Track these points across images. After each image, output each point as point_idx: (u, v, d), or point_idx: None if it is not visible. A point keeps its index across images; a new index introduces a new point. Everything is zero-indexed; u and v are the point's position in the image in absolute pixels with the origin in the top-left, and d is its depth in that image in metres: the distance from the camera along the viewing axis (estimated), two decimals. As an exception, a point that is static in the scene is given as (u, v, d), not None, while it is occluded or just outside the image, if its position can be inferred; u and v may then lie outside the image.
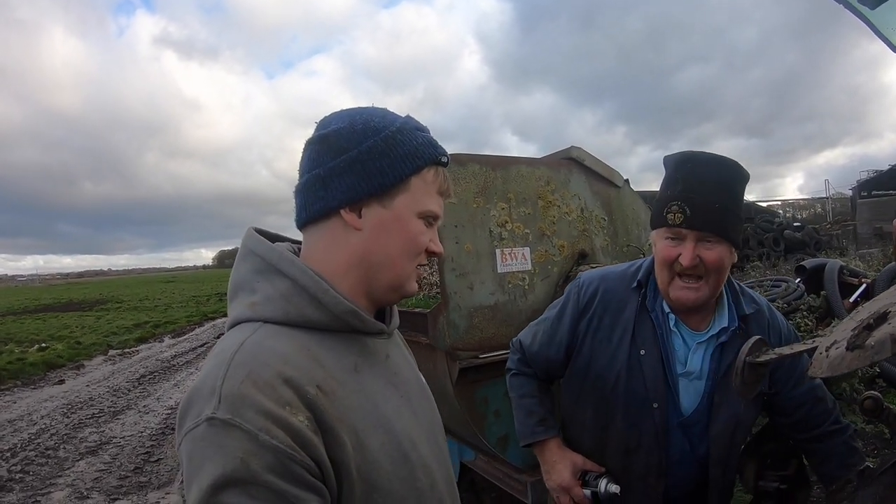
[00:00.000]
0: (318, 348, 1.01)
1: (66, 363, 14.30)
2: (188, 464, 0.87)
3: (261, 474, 0.84)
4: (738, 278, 7.98)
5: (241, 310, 1.04)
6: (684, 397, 1.76)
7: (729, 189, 1.65)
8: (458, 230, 2.85)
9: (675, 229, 1.64)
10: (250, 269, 1.08)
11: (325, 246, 1.09)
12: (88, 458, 6.92)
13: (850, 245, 19.05)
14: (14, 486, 6.19)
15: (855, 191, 30.48)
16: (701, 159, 1.66)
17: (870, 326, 1.25)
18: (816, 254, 15.34)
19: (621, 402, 1.77)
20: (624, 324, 1.78)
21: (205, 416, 0.87)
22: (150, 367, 13.18)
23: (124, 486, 5.96)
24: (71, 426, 8.43)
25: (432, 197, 1.13)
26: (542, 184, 3.23)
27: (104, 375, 12.64)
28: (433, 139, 1.14)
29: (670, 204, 1.62)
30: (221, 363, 0.93)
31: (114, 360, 15.03)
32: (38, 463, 6.88)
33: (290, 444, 0.87)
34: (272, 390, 0.89)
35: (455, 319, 2.80)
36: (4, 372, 12.78)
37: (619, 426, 1.79)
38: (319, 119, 1.14)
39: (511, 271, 3.01)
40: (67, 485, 6.12)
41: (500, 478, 3.24)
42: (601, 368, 1.79)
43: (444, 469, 1.18)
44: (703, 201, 1.60)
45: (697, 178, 1.63)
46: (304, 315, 1.02)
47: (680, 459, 1.79)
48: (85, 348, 16.26)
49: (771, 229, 17.88)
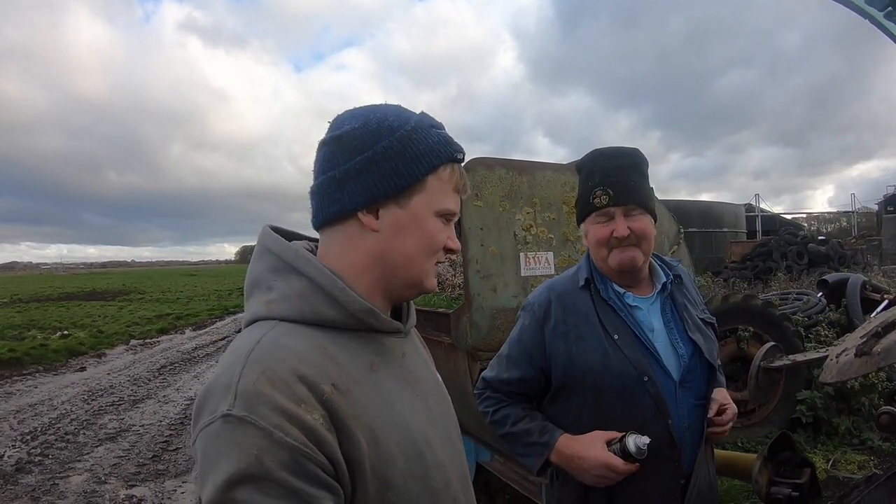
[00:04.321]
0: (334, 347, 1.00)
1: (87, 351, 14.52)
2: (203, 459, 0.87)
3: (275, 471, 0.84)
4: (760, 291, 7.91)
5: (258, 308, 1.04)
6: (668, 359, 1.85)
7: (637, 169, 1.87)
8: (484, 233, 2.89)
9: (604, 209, 1.81)
10: (266, 267, 1.07)
11: (343, 246, 1.08)
12: (107, 445, 7.03)
13: (875, 260, 18.81)
14: (33, 468, 6.30)
15: (881, 206, 30.07)
16: (608, 152, 1.89)
17: (878, 334, 1.28)
18: (840, 268, 15.18)
19: (615, 389, 1.81)
20: (588, 319, 1.87)
21: (220, 413, 0.87)
22: (171, 358, 13.35)
23: (142, 474, 6.04)
24: (91, 412, 8.56)
25: (449, 195, 1.12)
26: (567, 189, 3.25)
27: (125, 364, 12.84)
28: (448, 136, 1.12)
29: (594, 190, 1.81)
30: (238, 360, 0.93)
31: (135, 349, 15.25)
32: (57, 447, 6.99)
33: (304, 441, 0.86)
34: (287, 388, 0.89)
35: (478, 320, 2.84)
36: (27, 357, 13.02)
37: (620, 412, 1.82)
38: (335, 117, 1.13)
39: (534, 275, 3.04)
40: (86, 469, 6.22)
41: (515, 479, 3.27)
42: (586, 363, 1.84)
43: (459, 468, 1.17)
44: (622, 181, 1.81)
45: (611, 165, 1.84)
46: (320, 313, 1.02)
47: (689, 422, 1.86)
48: (107, 337, 16.48)
49: (795, 242, 17.71)
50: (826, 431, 5.35)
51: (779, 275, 14.63)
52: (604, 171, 1.83)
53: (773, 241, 17.89)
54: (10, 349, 13.37)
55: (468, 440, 3.84)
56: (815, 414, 5.32)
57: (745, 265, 17.43)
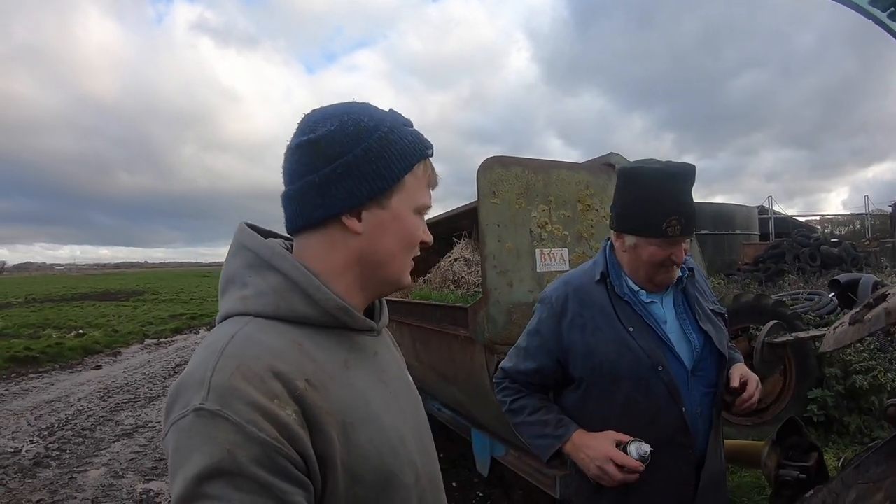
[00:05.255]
0: (309, 343, 1.01)
1: (102, 349, 14.62)
2: (174, 454, 0.86)
3: (247, 466, 0.83)
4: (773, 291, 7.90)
5: (232, 304, 1.04)
6: (681, 349, 1.93)
7: (692, 195, 1.92)
8: (501, 229, 2.94)
9: (672, 238, 1.84)
10: (242, 263, 1.07)
11: (322, 248, 1.09)
12: (124, 440, 7.09)
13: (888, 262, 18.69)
14: (51, 462, 6.38)
15: (894, 207, 29.84)
16: (676, 172, 1.85)
17: (870, 305, 1.36)
18: (853, 270, 15.10)
19: (630, 378, 1.89)
20: (604, 311, 1.95)
21: (192, 407, 0.86)
22: (186, 357, 13.28)
23: (159, 468, 6.11)
24: (107, 409, 8.63)
25: (423, 190, 1.14)
26: (582, 188, 3.31)
27: (140, 363, 12.92)
28: (419, 133, 1.14)
29: (669, 218, 1.81)
30: (211, 355, 0.92)
31: (150, 348, 15.33)
32: (74, 442, 7.06)
33: (277, 437, 0.86)
34: (261, 383, 0.89)
35: (494, 314, 2.89)
36: (43, 355, 13.14)
37: (635, 401, 1.89)
38: (301, 119, 1.12)
39: (549, 271, 3.09)
40: (103, 464, 6.28)
41: (529, 472, 3.31)
42: (602, 354, 1.91)
43: (430, 466, 1.18)
44: (692, 211, 1.84)
45: (682, 189, 1.85)
46: (295, 310, 1.02)
47: (701, 409, 1.93)
48: (121, 336, 16.58)
49: (807, 244, 17.61)
50: (837, 430, 5.37)
51: (790, 276, 14.57)
52: (676, 196, 1.83)
53: (786, 244, 17.78)
54: (26, 347, 13.53)
55: (483, 435, 3.89)
56: (826, 413, 5.34)
57: (757, 267, 17.35)
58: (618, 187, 1.96)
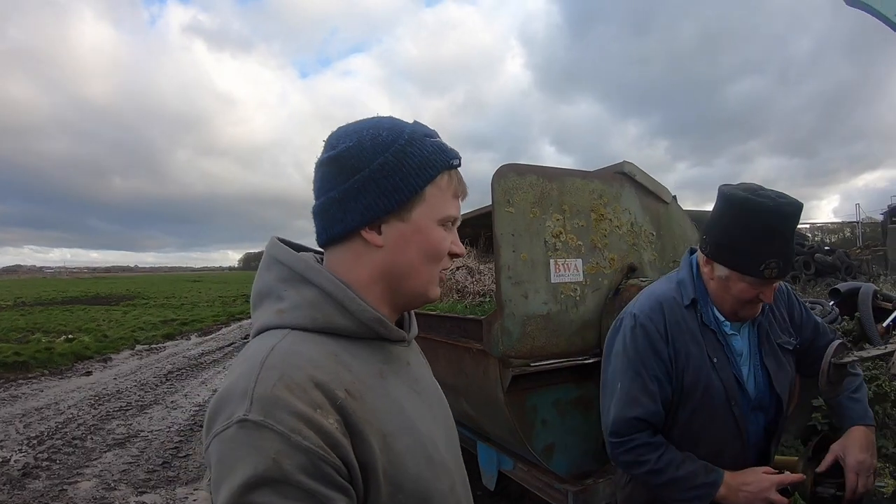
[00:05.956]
0: (346, 354, 1.03)
1: (93, 355, 14.41)
2: (218, 465, 0.88)
3: (293, 474, 0.85)
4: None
5: (269, 317, 1.06)
6: (749, 383, 1.94)
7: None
8: (515, 239, 2.86)
9: (767, 280, 1.78)
10: (276, 277, 1.10)
11: (349, 262, 1.10)
12: (116, 450, 6.94)
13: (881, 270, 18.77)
14: (40, 473, 6.23)
15: (886, 216, 29.99)
16: (791, 214, 1.76)
17: None
18: (847, 278, 15.13)
19: (706, 408, 1.90)
20: (695, 339, 1.92)
21: (236, 418, 0.88)
22: (178, 364, 13.23)
23: (152, 480, 5.97)
24: (98, 417, 8.48)
25: (448, 202, 1.13)
26: (595, 197, 3.24)
27: (131, 369, 12.74)
28: (443, 144, 1.13)
29: (769, 261, 1.74)
30: (253, 367, 0.94)
31: (141, 354, 15.14)
32: (64, 452, 6.92)
33: (321, 445, 0.88)
34: (304, 393, 0.91)
35: (509, 327, 2.81)
36: (32, 360, 12.92)
37: (707, 431, 1.91)
38: (328, 135, 1.14)
39: (564, 282, 3.02)
40: (94, 475, 6.13)
41: (540, 487, 3.24)
42: (690, 383, 1.90)
43: (462, 472, 1.21)
44: (790, 254, 1.78)
45: (788, 232, 1.78)
46: (332, 322, 1.04)
47: (755, 441, 1.98)
48: (112, 342, 16.37)
49: (801, 252, 17.66)
50: (829, 427, 5.35)
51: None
52: (781, 238, 1.76)
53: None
54: (14, 352, 13.29)
55: (491, 448, 3.81)
56: (830, 421, 5.30)
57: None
58: (721, 213, 1.84)
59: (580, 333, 3.09)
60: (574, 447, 3.17)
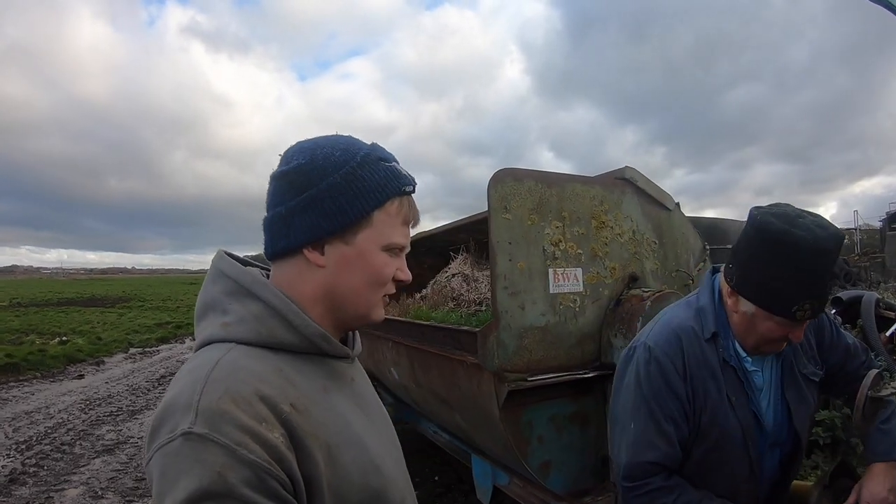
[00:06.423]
0: (290, 369, 1.03)
1: (86, 358, 14.35)
2: (160, 478, 0.86)
3: (238, 488, 0.84)
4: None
5: (213, 330, 1.05)
6: (766, 418, 1.83)
7: None
8: (513, 247, 2.74)
9: (798, 322, 1.66)
10: (222, 290, 1.09)
11: (293, 278, 1.10)
12: (104, 457, 6.84)
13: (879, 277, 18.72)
14: (28, 479, 6.12)
15: (884, 223, 29.95)
16: (828, 248, 1.59)
17: None
18: (846, 285, 15.05)
19: (721, 448, 1.79)
20: (714, 375, 1.79)
21: (181, 431, 0.86)
22: (171, 368, 13.14)
23: (140, 489, 5.85)
24: (88, 422, 8.38)
25: (396, 228, 1.13)
26: (596, 203, 3.12)
27: (124, 373, 12.64)
28: (397, 169, 1.13)
29: (803, 303, 1.61)
30: (198, 379, 0.93)
31: (134, 358, 15.07)
32: (52, 458, 6.81)
33: (266, 458, 0.88)
34: (249, 406, 0.91)
35: (505, 340, 2.69)
36: (24, 363, 12.85)
37: (718, 470, 1.81)
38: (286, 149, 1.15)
39: (563, 292, 2.90)
40: (82, 482, 6.03)
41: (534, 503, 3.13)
42: (704, 426, 1.78)
43: (410, 489, 1.21)
44: (825, 294, 1.65)
45: (826, 270, 1.62)
46: (276, 337, 1.04)
47: (770, 475, 1.89)
48: (105, 344, 16.32)
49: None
50: (844, 451, 5.27)
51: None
52: (819, 277, 1.60)
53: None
54: (7, 354, 13.21)
55: (486, 462, 3.70)
56: (832, 434, 5.24)
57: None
58: (752, 244, 1.68)
59: (579, 346, 2.96)
60: (571, 464, 3.05)
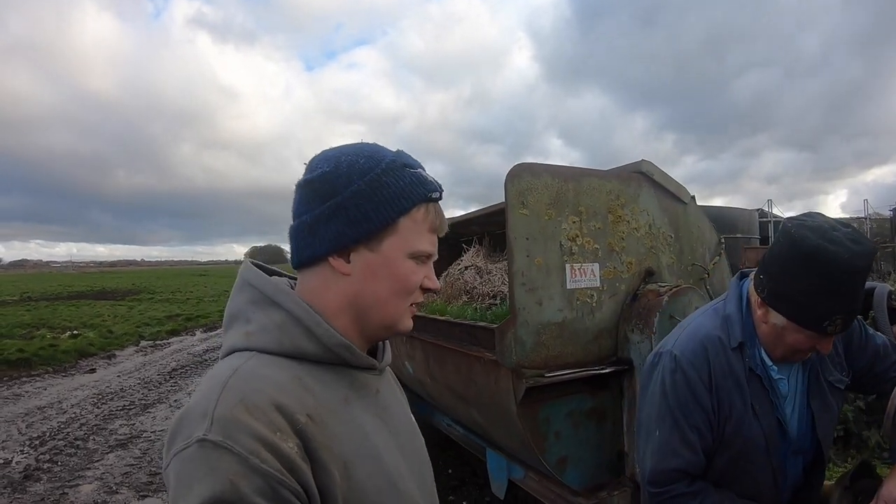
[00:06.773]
0: (310, 379, 1.02)
1: (97, 352, 14.37)
2: (176, 484, 0.87)
3: (249, 497, 0.84)
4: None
5: (236, 339, 1.06)
6: (791, 426, 1.84)
7: None
8: (530, 243, 2.72)
9: (828, 336, 1.66)
10: (246, 299, 1.10)
11: (319, 287, 1.10)
12: (118, 452, 6.87)
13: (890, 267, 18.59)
14: (42, 475, 6.14)
15: (894, 212, 29.70)
16: (862, 265, 1.58)
17: None
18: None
19: (743, 456, 1.80)
20: (739, 384, 1.80)
21: (196, 438, 0.87)
22: (182, 361, 13.16)
23: (154, 483, 5.88)
24: (101, 417, 8.41)
25: (423, 235, 1.12)
26: (613, 198, 3.09)
27: (135, 366, 12.67)
28: (423, 175, 1.12)
29: (834, 317, 1.60)
30: (215, 387, 0.94)
31: (145, 351, 15.08)
32: (66, 453, 6.84)
33: (279, 468, 0.87)
34: (264, 416, 0.91)
35: (522, 336, 2.68)
36: (36, 358, 12.88)
37: (741, 479, 1.82)
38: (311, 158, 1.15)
39: (580, 287, 2.88)
40: (96, 478, 6.05)
41: (552, 499, 3.13)
42: (728, 436, 1.79)
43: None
44: (857, 309, 1.64)
45: (859, 286, 1.61)
46: (298, 346, 1.04)
47: (793, 482, 1.90)
48: (117, 338, 16.32)
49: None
50: (856, 444, 5.31)
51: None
52: (853, 293, 1.59)
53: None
54: (18, 349, 13.22)
55: (501, 456, 3.69)
56: (845, 427, 5.27)
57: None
58: (785, 258, 1.66)
59: (596, 341, 2.95)
60: (588, 459, 3.04)
